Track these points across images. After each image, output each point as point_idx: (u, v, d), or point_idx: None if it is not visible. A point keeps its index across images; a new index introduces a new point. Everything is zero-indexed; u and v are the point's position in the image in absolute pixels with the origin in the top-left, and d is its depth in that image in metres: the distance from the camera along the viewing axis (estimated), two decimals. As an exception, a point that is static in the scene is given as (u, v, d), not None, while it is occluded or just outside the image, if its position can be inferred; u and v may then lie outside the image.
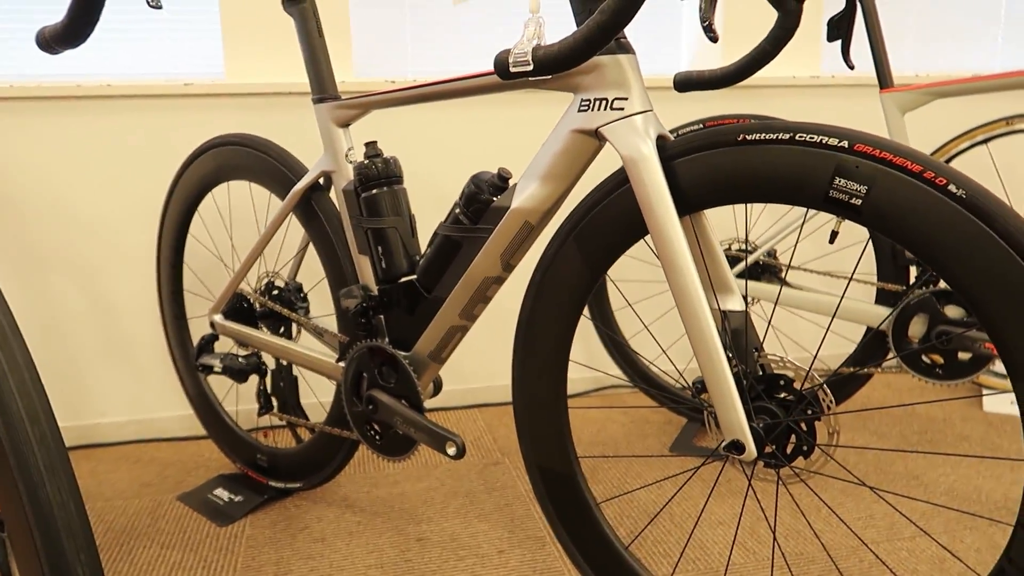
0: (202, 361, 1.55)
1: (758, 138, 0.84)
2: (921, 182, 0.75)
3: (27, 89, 1.70)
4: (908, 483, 1.58)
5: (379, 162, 1.21)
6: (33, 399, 0.45)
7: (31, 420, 0.44)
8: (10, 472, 0.44)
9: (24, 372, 0.46)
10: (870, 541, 1.37)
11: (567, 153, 0.97)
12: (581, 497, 1.11)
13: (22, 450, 0.44)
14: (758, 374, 0.94)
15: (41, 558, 0.43)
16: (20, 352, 0.46)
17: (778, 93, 2.09)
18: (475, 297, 1.12)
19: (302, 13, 1.27)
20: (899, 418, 1.93)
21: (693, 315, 0.89)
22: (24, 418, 0.44)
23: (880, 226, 0.78)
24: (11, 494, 0.44)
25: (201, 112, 1.80)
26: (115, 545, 1.42)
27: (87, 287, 1.84)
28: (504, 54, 0.83)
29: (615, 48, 0.90)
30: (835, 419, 0.92)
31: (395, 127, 1.91)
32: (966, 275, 0.74)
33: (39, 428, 0.44)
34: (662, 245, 0.89)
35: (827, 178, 0.80)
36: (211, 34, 1.86)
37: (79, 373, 1.88)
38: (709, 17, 0.68)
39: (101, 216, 1.81)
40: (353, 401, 1.30)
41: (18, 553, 0.45)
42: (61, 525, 0.43)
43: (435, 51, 1.99)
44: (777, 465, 0.94)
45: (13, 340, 0.46)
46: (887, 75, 1.59)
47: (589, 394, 2.17)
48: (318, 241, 1.36)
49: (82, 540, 0.44)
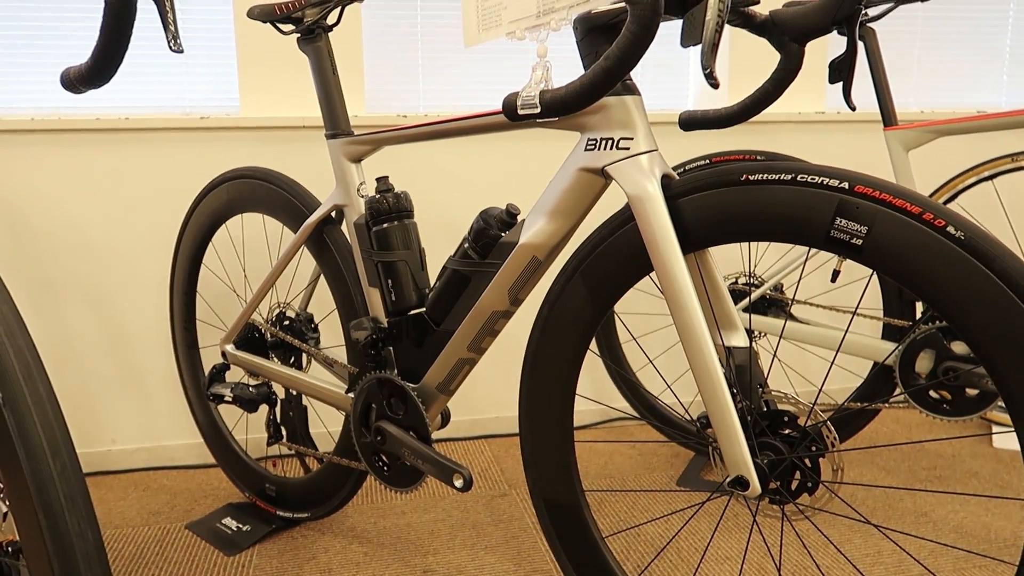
0: (213, 390, 1.56)
1: (761, 178, 0.86)
2: (920, 223, 0.76)
3: (48, 122, 1.74)
4: (917, 520, 1.57)
5: (390, 197, 1.23)
6: (55, 432, 0.46)
7: (53, 453, 0.46)
8: (31, 502, 0.45)
9: (47, 405, 0.47)
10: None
11: (574, 191, 0.99)
12: (587, 531, 1.11)
13: (43, 481, 0.45)
14: (762, 410, 0.95)
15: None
16: (44, 386, 0.48)
17: (784, 129, 2.11)
18: (483, 330, 1.13)
19: (317, 52, 1.31)
20: (907, 454, 1.92)
21: (697, 351, 0.90)
22: (46, 450, 0.46)
23: (881, 266, 0.79)
24: (32, 524, 0.45)
25: (216, 145, 1.84)
26: (124, 574, 1.43)
27: (101, 315, 1.86)
28: (512, 97, 0.85)
29: (621, 89, 0.92)
30: (839, 456, 0.93)
31: (406, 161, 1.94)
32: (966, 316, 0.75)
33: (60, 460, 0.46)
34: (667, 282, 0.91)
35: (828, 218, 0.82)
36: (227, 69, 1.90)
37: (91, 400, 1.90)
38: (710, 65, 0.71)
39: (116, 246, 1.84)
40: (362, 432, 1.31)
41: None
42: (79, 555, 0.45)
43: (446, 86, 2.02)
44: (782, 501, 0.94)
45: (37, 374, 0.48)
46: (891, 113, 1.61)
47: (596, 426, 2.17)
48: (329, 273, 1.38)
49: (99, 570, 0.46)
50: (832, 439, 0.92)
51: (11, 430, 0.46)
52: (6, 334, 0.49)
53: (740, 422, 0.89)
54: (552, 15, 0.78)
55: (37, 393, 0.47)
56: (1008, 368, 0.73)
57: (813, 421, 0.93)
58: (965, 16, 2.30)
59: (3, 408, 0.46)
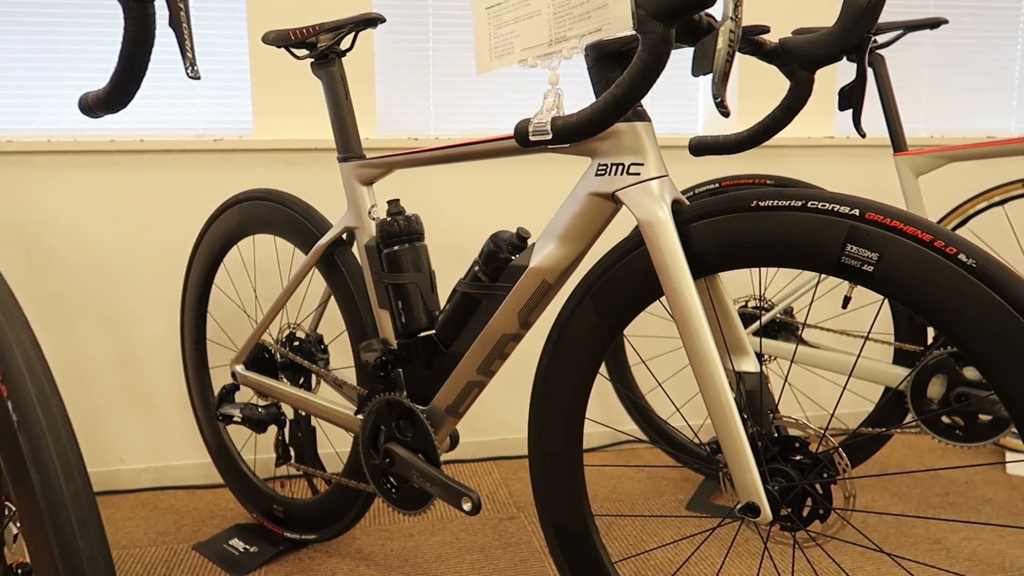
0: (222, 411, 1.57)
1: (771, 204, 0.86)
2: (931, 250, 0.76)
3: (63, 143, 1.76)
4: (929, 547, 1.55)
5: (401, 219, 1.24)
6: (69, 457, 0.47)
7: (66, 477, 0.46)
8: (44, 526, 0.45)
9: (61, 430, 0.48)
10: (891, 607, 1.34)
11: (584, 215, 1.00)
12: (596, 556, 1.10)
13: (56, 505, 0.46)
14: (773, 436, 0.95)
15: (69, 612, 0.45)
16: (58, 410, 0.48)
17: (793, 153, 2.12)
18: (493, 353, 1.13)
19: (330, 77, 1.32)
20: (920, 480, 1.91)
21: (708, 376, 0.90)
22: (60, 475, 0.46)
23: (891, 293, 0.79)
24: (43, 547, 0.45)
25: (230, 167, 1.86)
26: (130, 595, 1.43)
27: (112, 335, 1.87)
28: (524, 123, 0.86)
29: (632, 116, 0.93)
30: (851, 482, 0.92)
31: (418, 184, 1.95)
32: (977, 343, 0.75)
33: (73, 485, 0.46)
34: (677, 307, 0.91)
35: (839, 245, 0.82)
36: (241, 92, 1.93)
37: (100, 419, 1.90)
38: (721, 94, 0.71)
39: (129, 266, 1.85)
40: (370, 454, 1.31)
41: (46, 606, 0.46)
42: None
43: (457, 109, 2.04)
44: (793, 528, 0.93)
45: (52, 398, 0.49)
46: (900, 139, 1.61)
47: (605, 448, 2.16)
48: (340, 295, 1.39)
49: (110, 595, 0.46)
50: (844, 466, 0.91)
51: (25, 453, 0.46)
52: (23, 358, 0.49)
53: (751, 448, 0.89)
54: (564, 43, 0.79)
55: (52, 417, 0.47)
56: (1020, 395, 0.73)
57: (824, 447, 0.92)
58: (974, 42, 2.30)
59: (18, 431, 0.47)
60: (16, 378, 0.48)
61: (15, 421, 0.47)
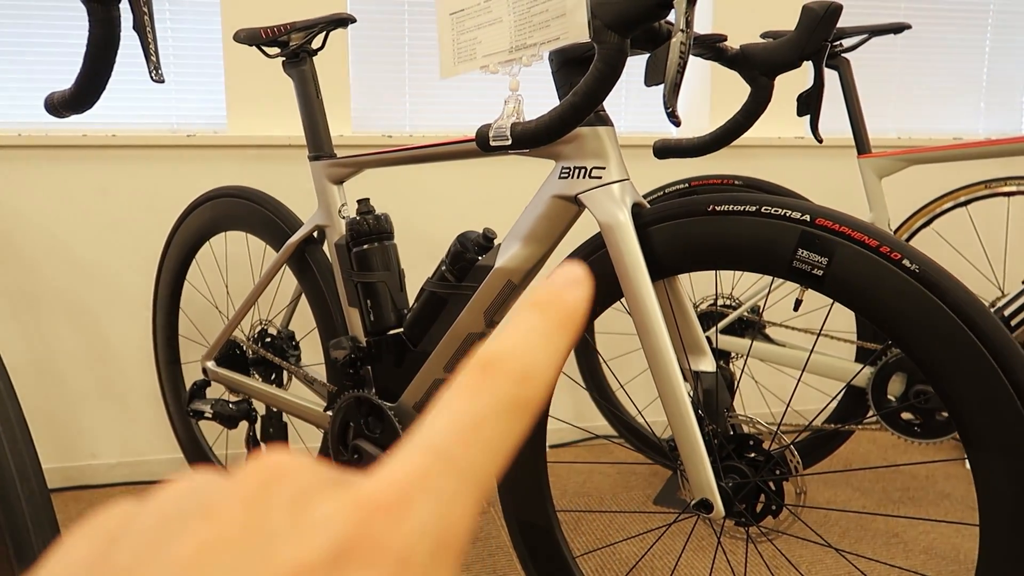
0: (193, 406, 1.57)
1: (727, 209, 0.89)
2: (877, 256, 0.79)
3: (34, 138, 1.76)
4: (887, 541, 1.59)
5: (371, 219, 1.25)
6: (24, 458, 0.48)
7: (21, 478, 0.47)
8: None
9: (16, 431, 0.49)
10: (848, 599, 1.38)
11: (548, 217, 1.02)
12: (558, 550, 1.13)
13: (12, 506, 0.47)
14: (729, 433, 0.97)
15: (24, 608, 0.46)
16: (13, 410, 0.50)
17: (763, 153, 2.15)
18: (459, 352, 1.15)
19: (301, 76, 1.33)
20: (882, 475, 1.95)
21: (664, 376, 0.92)
22: (15, 476, 0.47)
23: (840, 296, 0.82)
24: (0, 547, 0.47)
25: (203, 163, 1.86)
26: (99, 589, 1.43)
27: (84, 330, 1.87)
28: (485, 128, 0.88)
29: (594, 120, 0.95)
30: (802, 479, 0.95)
31: (388, 184, 1.96)
32: (919, 345, 0.77)
33: (28, 485, 0.48)
34: (636, 308, 0.93)
35: (791, 249, 0.84)
36: (215, 88, 1.92)
37: (72, 414, 1.90)
38: (672, 104, 0.73)
39: (101, 261, 1.85)
40: (339, 450, 1.32)
41: (2, 602, 0.48)
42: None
43: (433, 106, 2.05)
44: (746, 524, 0.96)
45: (8, 400, 0.50)
46: (864, 141, 1.65)
47: (576, 444, 2.19)
48: (310, 292, 1.40)
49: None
50: (795, 463, 0.94)
51: (-19, 454, 0.47)
52: (-21, 360, 0.50)
53: (705, 446, 0.92)
54: (524, 51, 0.80)
55: (7, 418, 0.49)
56: (958, 396, 0.76)
57: (778, 444, 0.95)
58: (943, 45, 2.35)
59: (-26, 433, 0.48)
60: (-28, 380, 0.49)
61: (-29, 422, 0.48)
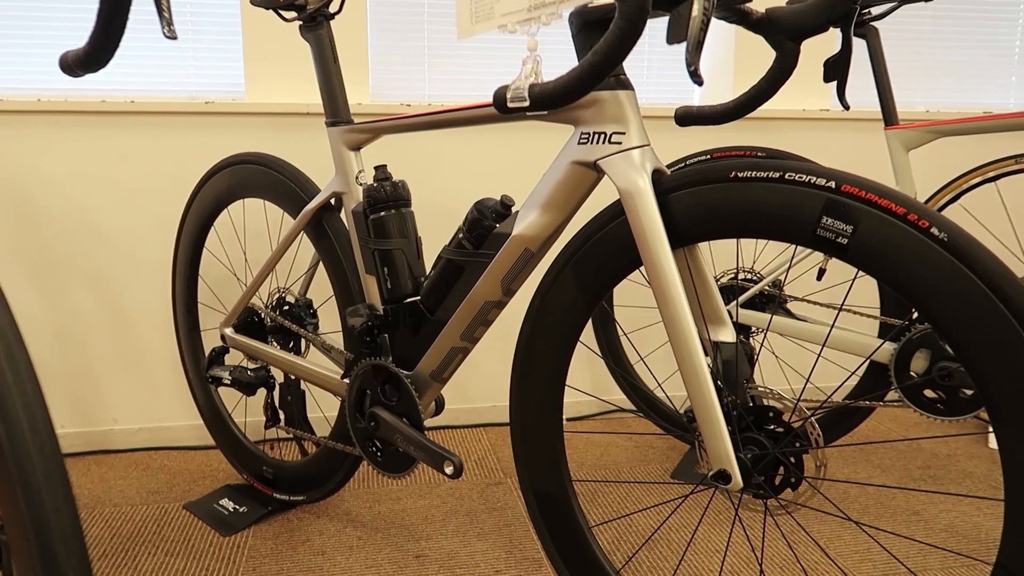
0: (212, 373, 1.58)
1: (749, 175, 0.86)
2: (904, 224, 0.77)
3: (54, 103, 1.76)
4: (908, 519, 1.58)
5: (388, 185, 1.24)
6: (35, 411, 0.48)
7: (32, 430, 0.47)
8: (11, 478, 0.47)
9: (27, 384, 0.49)
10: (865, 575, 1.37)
11: (566, 184, 1.00)
12: (574, 520, 1.12)
13: (23, 458, 0.47)
14: (748, 405, 0.96)
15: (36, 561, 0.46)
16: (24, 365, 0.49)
17: (787, 126, 2.11)
18: (476, 320, 1.14)
19: (318, 40, 1.32)
20: (903, 452, 1.93)
21: (683, 346, 0.91)
22: (26, 428, 0.47)
23: (865, 265, 0.80)
24: (11, 500, 0.47)
25: (221, 130, 1.85)
26: (120, 551, 1.45)
27: (105, 297, 1.89)
28: (503, 90, 0.86)
29: (614, 84, 0.93)
30: (823, 452, 0.94)
31: (406, 151, 1.95)
32: (946, 316, 0.75)
33: (39, 438, 0.47)
34: (654, 276, 0.91)
35: (815, 216, 0.82)
36: (233, 55, 1.91)
37: (94, 380, 1.92)
38: (695, 62, 0.71)
39: (121, 228, 1.86)
40: (356, 417, 1.32)
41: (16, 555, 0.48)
42: (55, 530, 0.46)
43: (452, 75, 2.03)
44: (764, 496, 0.95)
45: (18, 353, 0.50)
46: (892, 112, 1.61)
47: (594, 417, 2.19)
48: (327, 260, 1.40)
49: (74, 545, 0.47)
50: (816, 436, 0.93)
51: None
52: (-12, 312, 0.50)
53: (724, 417, 0.90)
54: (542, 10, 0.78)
55: (17, 372, 0.48)
56: (987, 370, 0.74)
57: (798, 418, 0.94)
58: (974, 15, 2.28)
59: (-16, 385, 0.48)
60: (-18, 332, 0.49)
61: (-18, 375, 0.47)
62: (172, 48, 1.89)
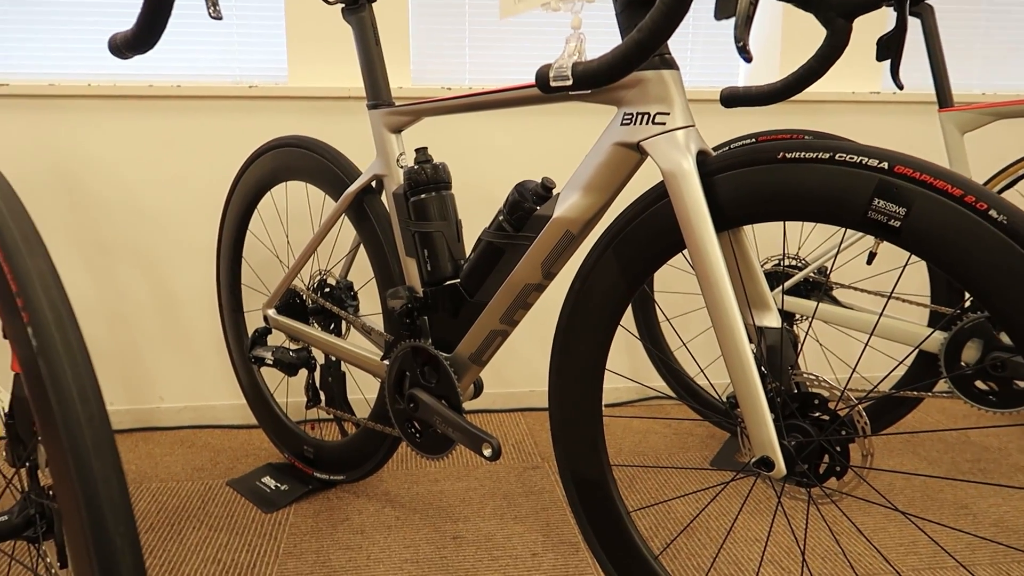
0: (255, 353, 1.61)
1: (798, 156, 0.84)
2: (961, 206, 0.74)
3: (103, 88, 1.79)
4: (956, 512, 1.54)
5: (428, 168, 1.24)
6: (84, 380, 0.49)
7: (82, 400, 0.48)
8: (62, 447, 0.48)
9: (77, 355, 0.50)
10: (910, 569, 1.34)
11: (609, 165, 0.99)
12: (612, 505, 1.12)
13: (73, 427, 0.48)
14: (792, 392, 0.94)
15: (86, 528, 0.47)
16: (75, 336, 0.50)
17: (836, 109, 2.05)
18: (516, 303, 1.14)
19: (360, 22, 1.32)
20: (951, 445, 1.88)
21: (727, 330, 0.89)
22: (76, 398, 0.48)
23: (918, 249, 0.77)
24: (63, 469, 0.48)
25: (264, 114, 1.87)
26: (166, 525, 1.49)
27: (152, 278, 1.92)
28: (545, 68, 0.85)
29: (658, 63, 0.91)
30: (870, 442, 0.91)
31: (447, 133, 1.95)
32: (1005, 302, 0.73)
33: (88, 408, 0.48)
34: (698, 260, 0.90)
35: (866, 198, 0.80)
36: (277, 39, 1.93)
37: (141, 359, 1.97)
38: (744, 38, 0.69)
39: (167, 210, 1.89)
40: (396, 399, 1.33)
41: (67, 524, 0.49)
42: (104, 498, 0.47)
43: (492, 60, 2.02)
44: (808, 484, 0.93)
45: (69, 324, 0.51)
46: (947, 94, 1.55)
47: (632, 404, 2.17)
48: (368, 242, 1.40)
49: (122, 514, 0.48)
50: (863, 424, 0.91)
51: (44, 378, 0.48)
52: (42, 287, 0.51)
53: (768, 403, 0.89)
54: (587, -14, 0.77)
55: (68, 343, 0.49)
56: (1046, 358, 0.71)
57: (844, 405, 0.91)
58: (1037, -7, 2.19)
59: (37, 357, 0.48)
60: (36, 306, 0.50)
61: (35, 347, 0.48)
62: (217, 33, 1.91)
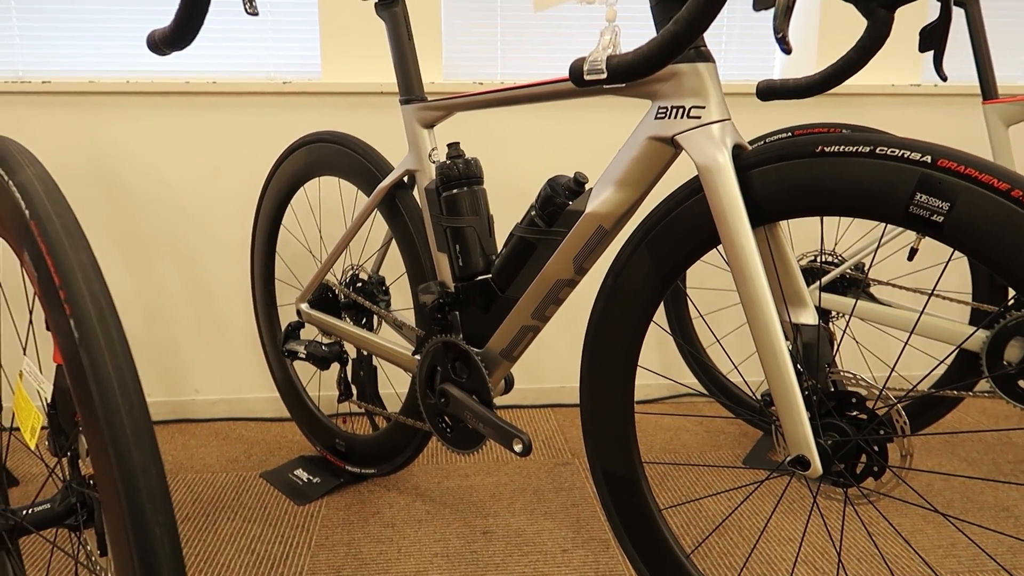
0: (288, 347, 1.62)
1: (837, 150, 0.83)
2: (1008, 200, 0.72)
3: (141, 84, 1.82)
4: (997, 514, 1.51)
5: (460, 163, 1.24)
6: (124, 371, 0.49)
7: (122, 391, 0.49)
8: (103, 437, 0.48)
9: (118, 347, 0.50)
10: (949, 571, 1.31)
11: (642, 160, 0.98)
12: (643, 502, 1.11)
13: (113, 417, 0.48)
14: (829, 390, 0.92)
15: (125, 517, 0.48)
16: (115, 328, 0.51)
17: (875, 102, 2.01)
18: (547, 298, 1.13)
19: (393, 17, 1.32)
20: (992, 446, 1.84)
21: (762, 327, 0.88)
22: (116, 388, 0.49)
23: (962, 245, 0.76)
24: (103, 458, 0.48)
25: (298, 109, 1.89)
26: (202, 515, 1.51)
27: (187, 272, 1.95)
28: (579, 62, 0.84)
29: (694, 56, 0.90)
30: (908, 442, 0.90)
31: (479, 128, 1.95)
32: (1052, 299, 0.71)
33: (128, 398, 0.49)
34: (733, 256, 0.89)
35: (908, 193, 0.78)
36: (310, 35, 1.94)
37: (177, 352, 2.00)
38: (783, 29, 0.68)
39: (202, 205, 1.92)
40: (427, 393, 1.34)
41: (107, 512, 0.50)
42: (143, 487, 0.48)
43: (525, 56, 2.01)
44: (845, 484, 0.91)
45: (110, 317, 0.51)
46: (991, 86, 1.51)
47: (664, 400, 2.16)
48: (400, 237, 1.41)
49: (161, 502, 0.48)
50: (902, 423, 0.89)
51: (86, 368, 0.49)
52: (84, 280, 0.52)
53: (804, 401, 0.87)
54: (623, -22, 0.76)
55: (109, 335, 0.50)
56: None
57: (883, 405, 0.90)
58: (1085, -18, 2.13)
59: (79, 348, 0.49)
60: (78, 299, 0.50)
61: (77, 339, 0.49)
62: (252, 30, 1.93)
